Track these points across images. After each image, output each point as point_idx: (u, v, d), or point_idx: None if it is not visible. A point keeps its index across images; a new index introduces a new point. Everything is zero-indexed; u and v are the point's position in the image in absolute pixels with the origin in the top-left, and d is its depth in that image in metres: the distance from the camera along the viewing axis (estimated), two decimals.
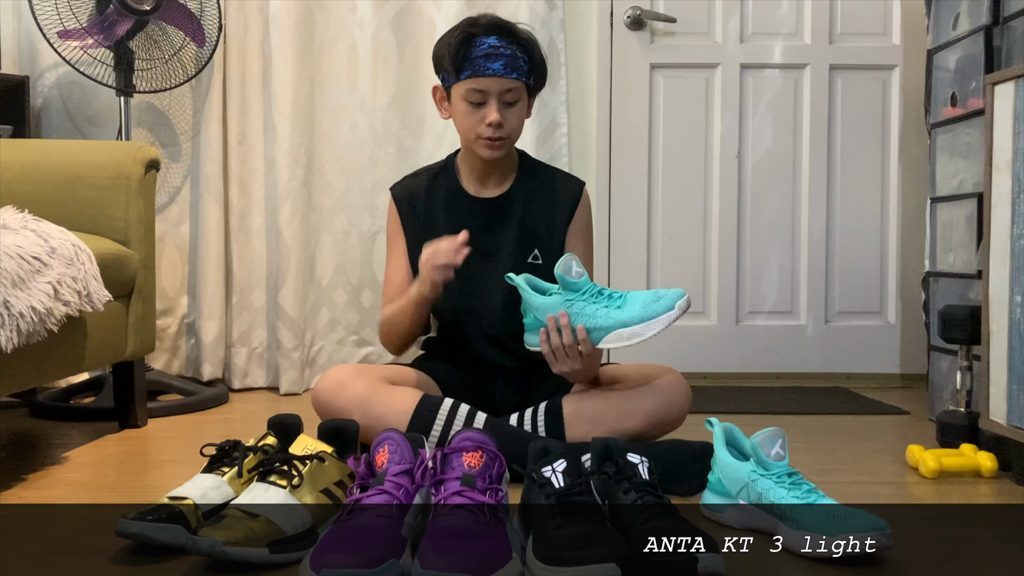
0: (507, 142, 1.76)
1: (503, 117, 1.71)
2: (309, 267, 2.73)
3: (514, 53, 1.71)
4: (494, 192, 1.85)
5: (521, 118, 1.77)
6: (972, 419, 1.83)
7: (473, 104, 1.72)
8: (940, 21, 2.35)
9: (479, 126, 1.73)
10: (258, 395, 2.66)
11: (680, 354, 2.88)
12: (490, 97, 1.71)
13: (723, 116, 2.91)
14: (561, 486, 1.18)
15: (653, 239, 2.92)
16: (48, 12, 2.35)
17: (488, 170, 1.84)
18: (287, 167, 2.66)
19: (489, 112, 1.71)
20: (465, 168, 1.86)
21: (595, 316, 1.54)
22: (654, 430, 1.68)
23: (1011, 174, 1.62)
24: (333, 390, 1.67)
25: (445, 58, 1.73)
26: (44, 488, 1.58)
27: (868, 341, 2.92)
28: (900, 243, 2.92)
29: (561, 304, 1.56)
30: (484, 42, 1.70)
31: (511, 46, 1.71)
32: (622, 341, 1.52)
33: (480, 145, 1.75)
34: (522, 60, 1.72)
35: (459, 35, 1.72)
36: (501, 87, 1.70)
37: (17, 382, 1.59)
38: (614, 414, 1.67)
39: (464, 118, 1.74)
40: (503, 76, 1.69)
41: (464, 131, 1.77)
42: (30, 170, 2.03)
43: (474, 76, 1.70)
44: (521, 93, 1.74)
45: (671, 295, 1.53)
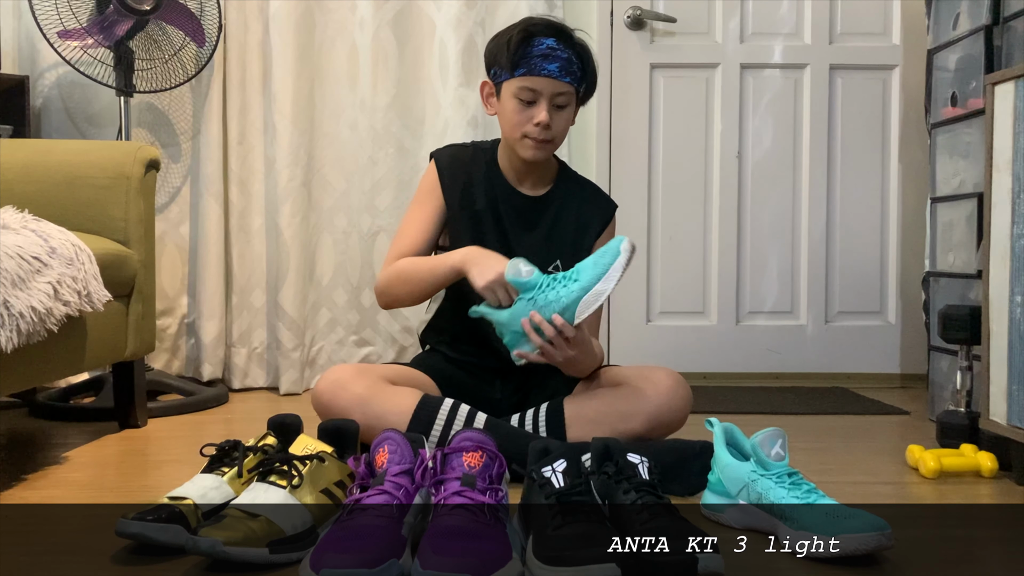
0: (551, 146, 1.76)
1: (552, 120, 1.71)
2: (309, 267, 2.73)
3: (570, 57, 1.71)
4: (532, 192, 1.85)
5: (568, 124, 1.77)
6: (972, 419, 1.83)
7: (524, 102, 1.72)
8: (940, 21, 2.35)
9: (527, 125, 1.72)
10: (258, 395, 2.66)
11: (680, 354, 2.88)
12: (541, 97, 1.71)
13: (723, 116, 2.91)
14: (561, 486, 1.18)
15: (653, 239, 2.92)
16: (48, 12, 2.35)
17: (527, 170, 1.83)
18: (287, 167, 2.66)
19: (539, 112, 1.70)
20: (504, 163, 1.85)
21: (559, 299, 1.54)
22: (654, 432, 1.68)
23: (1011, 174, 1.62)
24: (333, 390, 1.67)
25: (502, 53, 1.73)
26: (44, 488, 1.58)
27: (868, 341, 2.92)
28: (900, 243, 2.92)
29: (526, 305, 1.57)
30: (543, 42, 1.70)
31: (568, 50, 1.71)
32: (591, 306, 1.54)
33: (524, 145, 1.75)
34: (576, 66, 1.72)
35: (519, 32, 1.71)
36: (554, 89, 1.70)
37: (17, 382, 1.59)
38: (615, 415, 1.67)
39: (512, 115, 1.74)
40: (558, 78, 1.70)
41: (510, 129, 1.76)
42: (30, 170, 2.03)
43: (529, 75, 1.70)
44: (571, 98, 1.74)
45: (614, 245, 1.56)
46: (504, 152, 1.85)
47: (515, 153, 1.78)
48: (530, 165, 1.81)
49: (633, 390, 1.70)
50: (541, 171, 1.84)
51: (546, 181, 1.86)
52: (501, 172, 1.85)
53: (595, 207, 1.87)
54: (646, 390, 1.69)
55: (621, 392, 1.71)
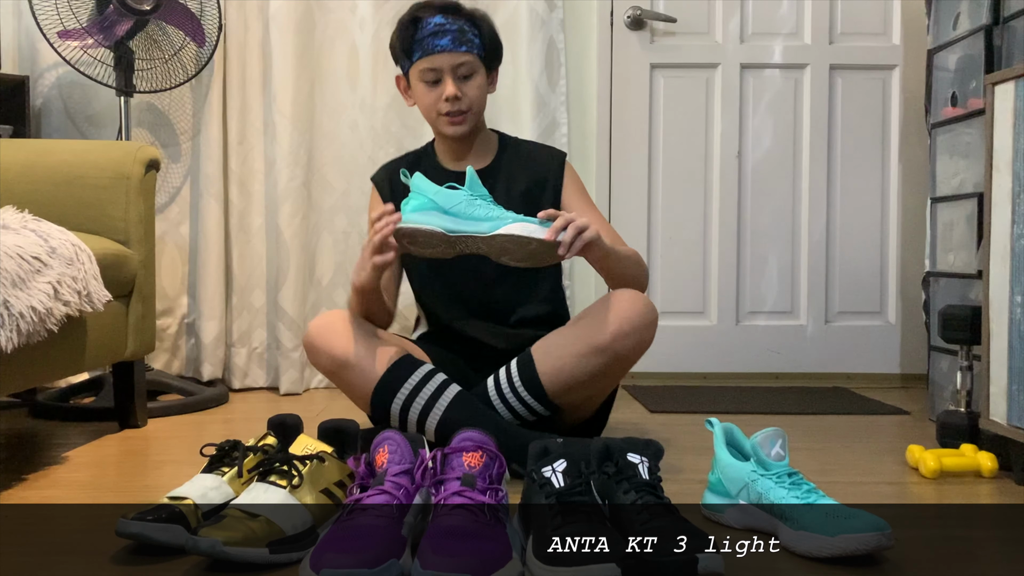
0: (469, 116, 1.78)
1: (460, 90, 1.74)
2: (309, 267, 2.73)
3: (461, 28, 1.74)
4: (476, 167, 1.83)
5: (480, 91, 1.79)
6: (972, 419, 1.83)
7: (429, 83, 1.76)
8: (940, 21, 2.35)
9: (438, 103, 1.76)
10: (258, 395, 2.66)
11: (680, 354, 2.89)
12: (443, 73, 1.75)
13: (723, 116, 2.91)
14: (561, 486, 1.18)
15: (653, 239, 2.92)
16: (48, 12, 2.35)
17: (463, 148, 1.85)
18: (287, 167, 2.66)
19: (446, 87, 1.74)
20: (441, 150, 1.89)
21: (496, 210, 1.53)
22: (620, 342, 1.64)
23: (1011, 174, 1.62)
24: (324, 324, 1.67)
25: (396, 45, 1.79)
26: (44, 488, 1.58)
27: (868, 341, 2.92)
28: (900, 243, 2.92)
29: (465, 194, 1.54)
30: (430, 22, 1.74)
31: (458, 21, 1.75)
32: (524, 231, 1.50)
33: (443, 123, 1.78)
34: (471, 34, 1.76)
35: (407, 19, 1.77)
36: (452, 62, 1.74)
37: (17, 382, 1.59)
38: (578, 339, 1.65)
39: (424, 99, 1.78)
40: (453, 51, 1.73)
41: (427, 112, 1.80)
42: (30, 170, 2.03)
43: (425, 55, 1.74)
44: (476, 67, 1.77)
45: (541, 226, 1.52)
46: (437, 140, 1.89)
47: (444, 135, 1.82)
48: (462, 143, 1.84)
49: (594, 311, 1.69)
50: (479, 147, 1.87)
51: (488, 155, 1.88)
52: (438, 160, 1.88)
53: (542, 163, 1.88)
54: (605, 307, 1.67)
55: (583, 317, 1.71)
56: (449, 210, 1.54)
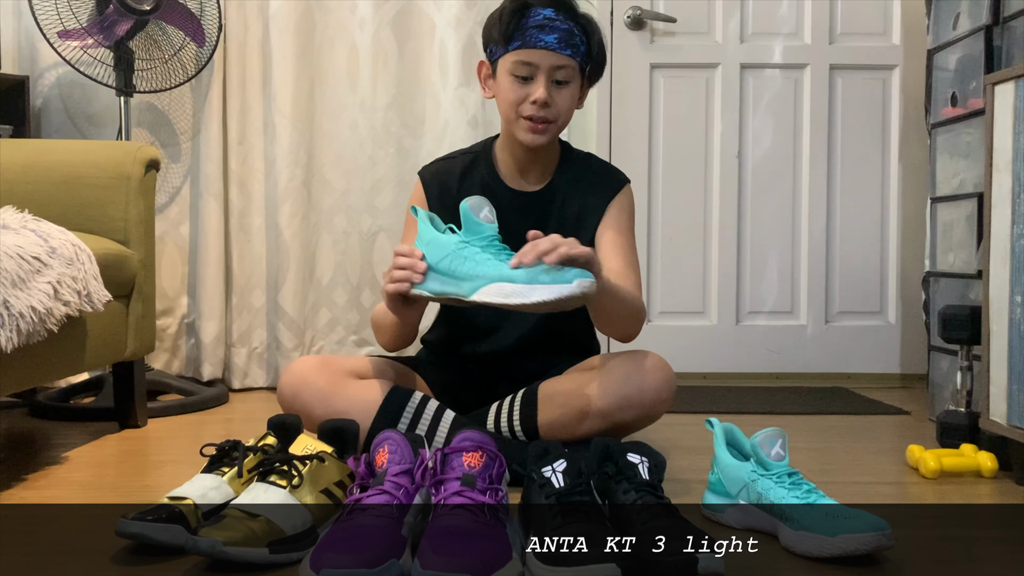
0: (552, 127, 1.62)
1: (551, 97, 1.58)
2: (309, 267, 2.73)
3: (571, 29, 1.58)
4: (535, 186, 1.72)
5: (571, 103, 1.62)
6: (972, 419, 1.83)
7: (520, 79, 1.58)
8: (940, 21, 2.35)
9: (523, 103, 1.59)
10: (258, 395, 2.66)
11: (680, 354, 2.88)
12: (539, 72, 1.57)
13: (723, 116, 2.91)
14: (561, 486, 1.18)
15: (653, 239, 2.92)
16: (48, 12, 2.35)
17: (529, 160, 1.69)
18: (287, 167, 2.66)
19: (536, 88, 1.57)
20: (504, 157, 1.72)
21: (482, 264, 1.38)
22: (623, 413, 1.56)
23: (1011, 174, 1.62)
24: (295, 384, 1.58)
25: (495, 27, 1.60)
26: (44, 488, 1.58)
27: (868, 341, 2.92)
28: (900, 243, 2.92)
29: (454, 245, 1.41)
30: (539, 13, 1.57)
31: (568, 21, 1.58)
32: (499, 297, 1.35)
33: (522, 127, 1.61)
34: (579, 38, 1.59)
35: (513, 4, 1.59)
36: (552, 62, 1.57)
37: (17, 382, 1.59)
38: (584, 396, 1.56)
39: (508, 93, 1.60)
40: (556, 50, 1.56)
41: (506, 109, 1.62)
42: (30, 170, 2.03)
43: (524, 47, 1.56)
44: (574, 74, 1.60)
45: (573, 271, 1.34)
46: (504, 144, 1.72)
47: (515, 141, 1.65)
48: (532, 153, 1.67)
49: (608, 370, 1.59)
50: (546, 158, 1.71)
51: (548, 173, 1.73)
52: (497, 171, 1.73)
53: (600, 188, 1.72)
54: (619, 369, 1.57)
55: (597, 372, 1.59)
56: (436, 266, 1.42)
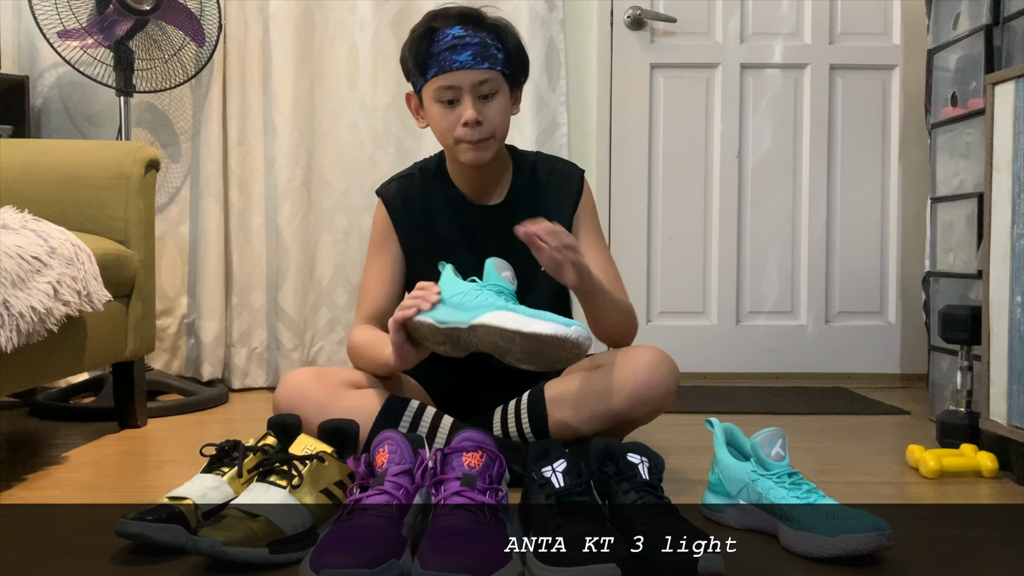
0: (491, 142, 1.59)
1: (480, 113, 1.55)
2: (309, 267, 2.73)
3: (483, 41, 1.55)
4: (495, 199, 1.71)
5: (504, 113, 1.60)
6: (972, 419, 1.83)
7: (446, 103, 1.56)
8: (940, 21, 2.35)
9: (456, 128, 1.56)
10: (258, 395, 2.66)
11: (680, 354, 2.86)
12: (463, 93, 1.55)
13: (723, 116, 2.91)
14: (561, 486, 1.18)
15: (653, 239, 2.92)
16: (48, 12, 2.35)
17: (481, 177, 1.67)
18: (287, 167, 2.66)
19: (464, 110, 1.55)
20: (457, 177, 1.70)
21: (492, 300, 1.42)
22: (636, 410, 1.57)
23: (1011, 174, 1.62)
24: (291, 397, 1.57)
25: (408, 59, 1.60)
26: (44, 488, 1.58)
27: (868, 341, 2.92)
28: (900, 243, 2.92)
29: (472, 287, 1.44)
30: (447, 34, 1.55)
31: (479, 34, 1.55)
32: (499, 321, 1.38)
33: (462, 150, 1.59)
34: (494, 48, 1.56)
35: (420, 30, 1.57)
36: (473, 79, 1.54)
37: (17, 382, 1.59)
38: (593, 396, 1.56)
39: (440, 121, 1.58)
40: (473, 67, 1.53)
41: (443, 137, 1.60)
42: (30, 170, 2.03)
43: (441, 72, 1.54)
44: (498, 84, 1.58)
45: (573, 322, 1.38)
46: (452, 164, 1.69)
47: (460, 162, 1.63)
48: (482, 170, 1.65)
49: (614, 368, 1.58)
50: (497, 170, 1.68)
51: (504, 185, 1.70)
52: (456, 188, 1.70)
53: (561, 185, 1.71)
54: (627, 367, 1.57)
55: (603, 371, 1.59)
56: (448, 300, 1.45)
